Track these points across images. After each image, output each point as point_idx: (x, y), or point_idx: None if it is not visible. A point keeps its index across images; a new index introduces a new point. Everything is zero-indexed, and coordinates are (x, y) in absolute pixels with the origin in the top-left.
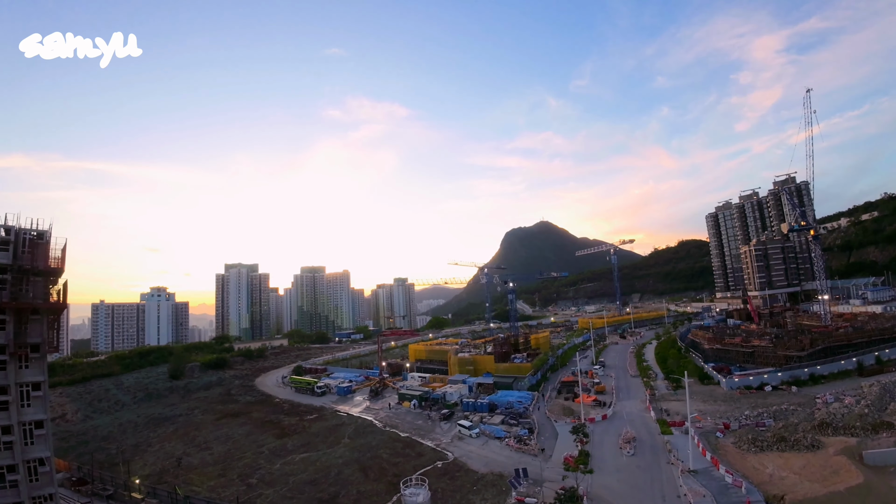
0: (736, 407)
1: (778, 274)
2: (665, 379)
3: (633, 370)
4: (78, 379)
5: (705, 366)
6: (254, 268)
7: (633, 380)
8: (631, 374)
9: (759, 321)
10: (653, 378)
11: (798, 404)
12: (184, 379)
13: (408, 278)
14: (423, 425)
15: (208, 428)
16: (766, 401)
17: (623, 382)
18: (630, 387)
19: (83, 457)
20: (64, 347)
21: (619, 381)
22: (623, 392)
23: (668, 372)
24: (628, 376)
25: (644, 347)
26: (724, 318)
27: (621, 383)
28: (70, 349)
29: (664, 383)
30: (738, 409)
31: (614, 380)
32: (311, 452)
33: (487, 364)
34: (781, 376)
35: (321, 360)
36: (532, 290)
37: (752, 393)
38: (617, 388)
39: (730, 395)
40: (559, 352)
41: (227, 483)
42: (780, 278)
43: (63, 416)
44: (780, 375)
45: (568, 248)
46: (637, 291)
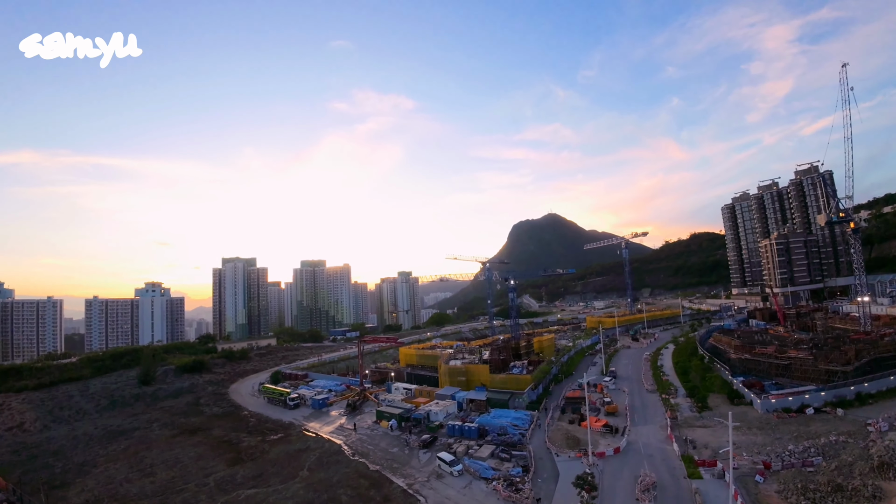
0: (775, 437)
1: (800, 269)
2: (688, 397)
3: (650, 383)
4: (45, 383)
5: (733, 380)
6: (251, 262)
7: (650, 396)
8: (647, 389)
9: (786, 322)
10: (673, 394)
11: (847, 434)
12: (154, 385)
13: (412, 272)
14: (398, 454)
15: (161, 447)
16: (810, 428)
17: (638, 400)
18: (646, 406)
19: (28, 474)
20: (58, 343)
21: (633, 397)
22: (639, 413)
23: (690, 388)
24: (644, 391)
25: (660, 353)
26: (746, 318)
27: (636, 401)
28: (64, 345)
29: (687, 402)
30: (778, 440)
31: (627, 396)
32: (259, 488)
33: (482, 374)
34: (825, 396)
35: (306, 363)
36: (538, 284)
37: (791, 417)
38: (631, 408)
39: (765, 420)
40: (564, 358)
41: None
42: (802, 274)
43: (21, 425)
44: (824, 395)
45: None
46: (647, 286)
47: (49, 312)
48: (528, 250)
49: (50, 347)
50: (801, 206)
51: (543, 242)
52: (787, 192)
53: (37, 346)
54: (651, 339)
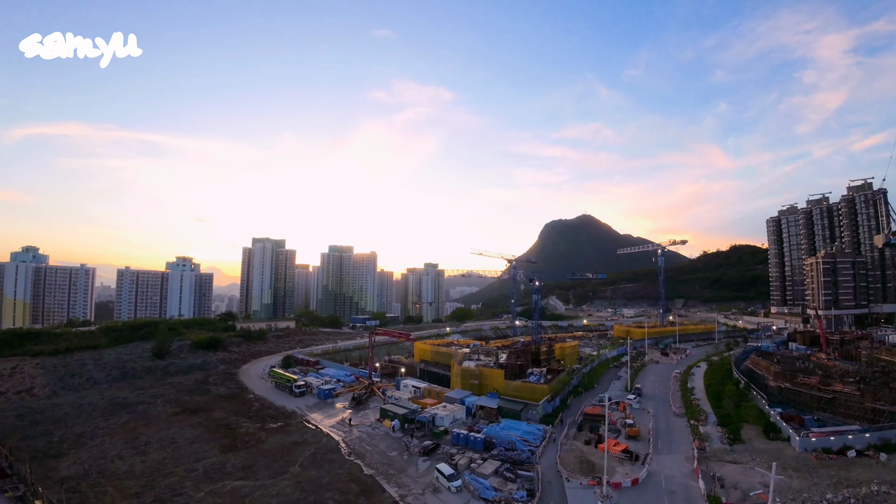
0: (812, 482)
1: (846, 292)
2: (719, 425)
3: (678, 406)
4: (61, 349)
5: (771, 411)
6: (280, 243)
7: (677, 421)
8: (674, 412)
9: (828, 349)
10: (702, 421)
11: (891, 484)
12: (167, 359)
13: (438, 264)
14: (396, 459)
15: (159, 425)
16: (851, 474)
17: (663, 423)
18: (672, 431)
19: (27, 440)
20: (88, 310)
21: (658, 420)
22: (663, 439)
23: (723, 415)
24: (670, 414)
25: (691, 372)
26: (786, 340)
27: (661, 424)
28: (94, 312)
29: (717, 432)
30: (816, 485)
31: (652, 418)
32: (247, 481)
33: (496, 380)
34: (869, 438)
35: (320, 349)
36: (566, 285)
37: (831, 459)
38: (655, 432)
39: (803, 461)
40: (586, 368)
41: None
42: (847, 297)
43: (30, 389)
44: (868, 437)
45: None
46: (681, 297)
47: (81, 279)
48: (558, 250)
49: (80, 313)
50: (852, 225)
51: (575, 243)
52: (838, 209)
53: (67, 312)
54: (682, 356)
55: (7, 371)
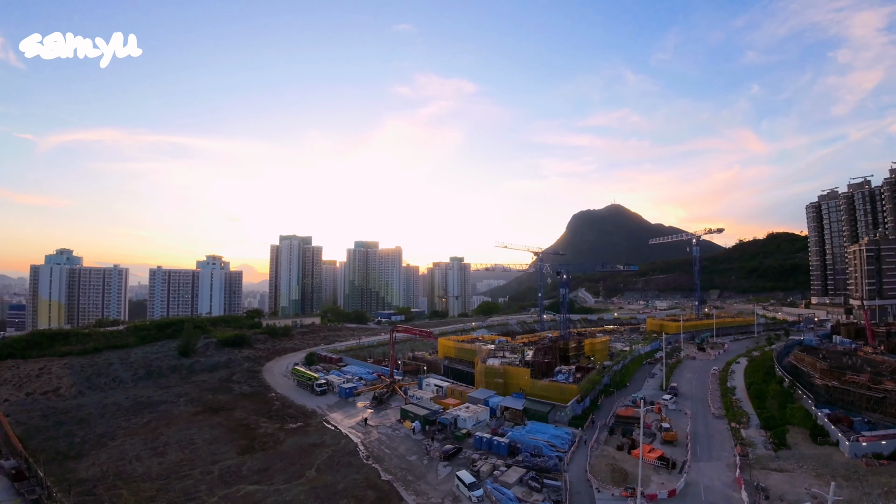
0: (863, 491)
1: (891, 281)
2: (762, 428)
3: (717, 407)
4: (89, 349)
5: (818, 412)
6: (307, 240)
7: (717, 424)
8: (713, 414)
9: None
10: (744, 424)
11: None
12: (193, 357)
13: (464, 258)
14: (415, 464)
15: (180, 424)
16: None
17: (702, 427)
18: (712, 436)
19: (49, 441)
20: (122, 310)
21: (696, 422)
22: (702, 444)
23: (766, 417)
24: (709, 416)
25: (730, 369)
26: (829, 333)
27: (700, 428)
28: (128, 311)
29: (761, 436)
30: (867, 495)
31: (689, 420)
32: (261, 485)
33: (521, 379)
34: None
35: (344, 345)
36: (595, 277)
37: (882, 465)
38: (693, 437)
39: (853, 467)
40: (618, 366)
41: None
42: (892, 287)
43: (57, 389)
44: None
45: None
46: (716, 287)
47: (115, 280)
48: (586, 242)
49: (114, 313)
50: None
51: (604, 234)
52: (881, 193)
53: (102, 312)
54: (720, 351)
55: (35, 372)
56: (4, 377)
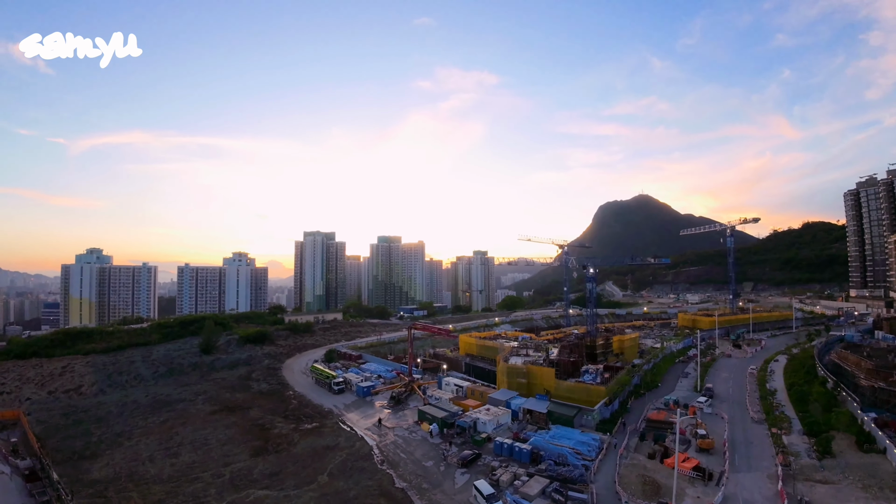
0: None
1: None
2: (805, 434)
3: (756, 410)
4: (113, 347)
5: (864, 416)
6: (330, 236)
7: (756, 429)
8: (752, 418)
9: None
10: (786, 429)
11: None
12: (214, 354)
13: (487, 251)
14: (431, 471)
15: (196, 424)
16: None
17: (740, 432)
18: (751, 442)
19: (67, 440)
20: (152, 307)
21: (733, 427)
22: (741, 452)
23: (809, 423)
24: (748, 420)
25: (769, 367)
26: (871, 328)
27: (738, 434)
28: (157, 308)
29: (804, 442)
30: None
31: (727, 425)
32: (271, 490)
33: (546, 379)
34: None
35: (364, 341)
36: (623, 270)
37: None
38: (731, 444)
39: None
40: (648, 365)
41: None
42: None
43: (78, 388)
44: None
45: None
46: (749, 280)
47: (144, 277)
48: (613, 233)
49: (144, 310)
50: None
51: (632, 226)
52: None
53: (132, 309)
54: (757, 348)
55: (58, 370)
56: (28, 376)
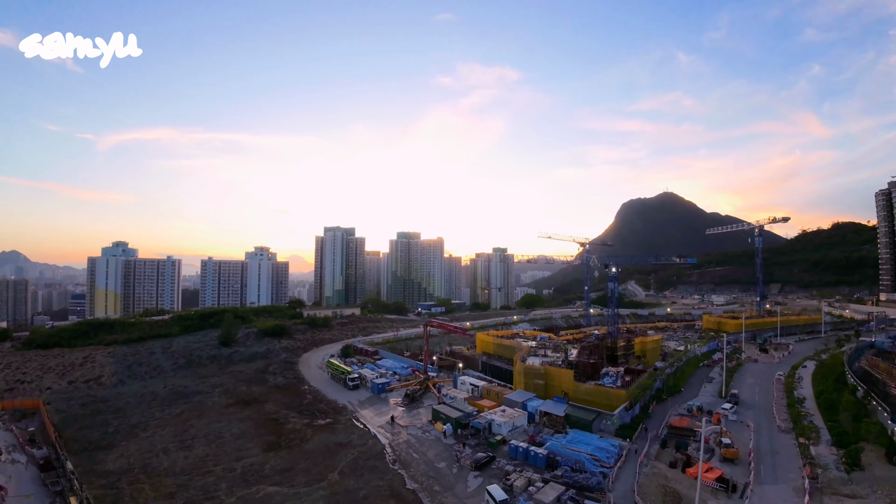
0: None
1: None
2: (834, 445)
3: (783, 418)
4: (134, 338)
5: (895, 427)
6: (350, 231)
7: (783, 438)
8: (779, 426)
9: None
10: (814, 440)
11: None
12: (233, 347)
13: (507, 248)
14: (443, 472)
15: (211, 417)
16: None
17: (766, 441)
18: (777, 452)
19: (84, 430)
20: (175, 299)
21: (759, 436)
22: (766, 463)
23: (838, 433)
24: (774, 429)
25: (797, 373)
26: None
27: (763, 443)
28: (181, 300)
29: (832, 453)
30: None
31: (752, 433)
32: (282, 487)
33: (564, 381)
34: None
35: (381, 337)
36: (646, 269)
37: None
38: (757, 454)
39: None
40: (671, 369)
41: None
42: None
43: (98, 378)
44: None
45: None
46: (777, 281)
47: (168, 270)
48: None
49: (168, 303)
50: None
51: (655, 224)
52: None
53: (156, 301)
54: (784, 353)
55: (79, 360)
56: (49, 366)
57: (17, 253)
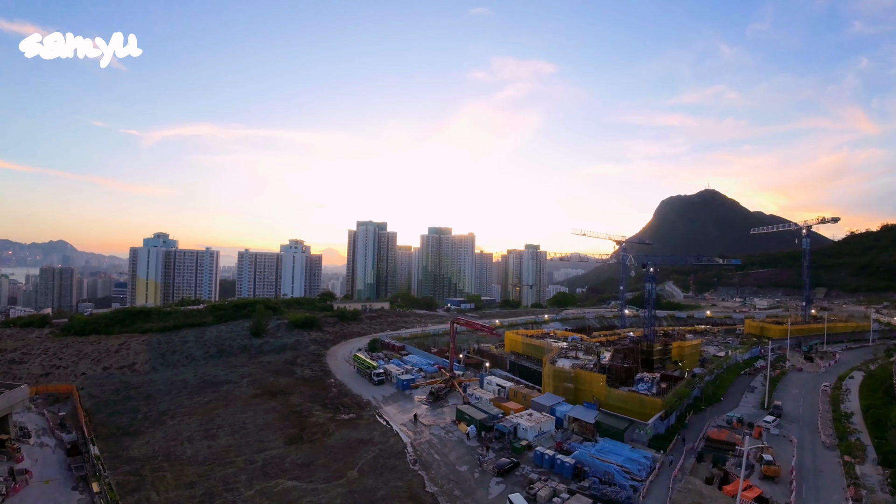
0: None
1: None
2: (880, 464)
3: (829, 434)
4: (169, 327)
5: None
6: (382, 226)
7: (827, 456)
8: (824, 442)
9: None
10: (860, 457)
11: None
12: (263, 337)
13: (540, 245)
14: (465, 476)
15: (237, 406)
16: None
17: (810, 458)
18: (821, 471)
19: (114, 416)
20: (213, 289)
21: (802, 452)
22: (808, 482)
23: (885, 452)
24: (818, 445)
25: (843, 384)
26: None
27: (807, 459)
28: (219, 290)
29: (878, 473)
30: None
31: (795, 449)
32: (300, 482)
33: (595, 385)
34: None
35: (409, 332)
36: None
37: None
38: (799, 471)
39: None
40: (710, 376)
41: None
42: None
43: (132, 365)
44: None
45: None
46: (823, 285)
47: (207, 261)
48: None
49: (206, 293)
50: None
51: (696, 222)
52: None
53: (194, 292)
54: (830, 362)
55: (115, 347)
56: (85, 352)
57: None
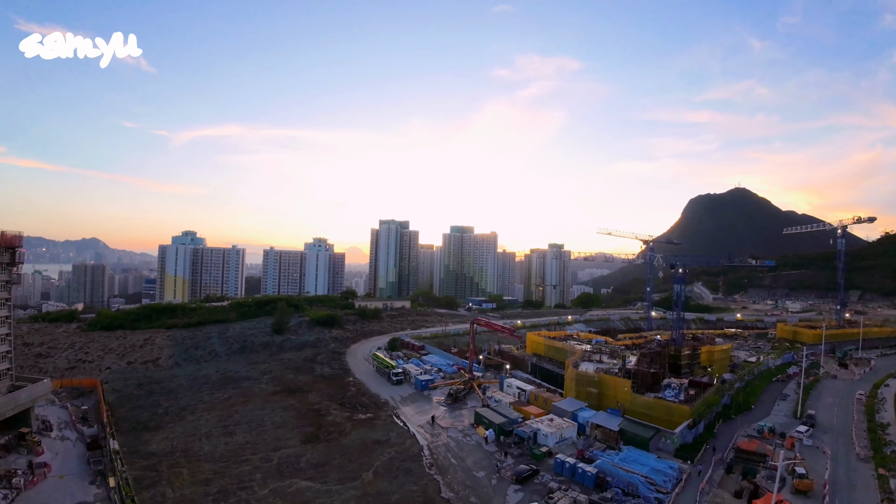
0: None
1: None
2: None
3: (864, 446)
4: (193, 323)
5: None
6: (404, 224)
7: (862, 468)
8: (858, 454)
9: None
10: (894, 471)
11: None
12: (285, 335)
13: (564, 245)
14: (481, 483)
15: (256, 403)
16: None
17: (843, 471)
18: (854, 485)
19: (135, 411)
20: (239, 286)
21: (836, 464)
22: (842, 497)
23: None
24: (853, 457)
25: (879, 392)
26: None
27: (840, 472)
28: (244, 287)
29: None
30: None
31: (828, 461)
32: (314, 483)
33: (620, 391)
34: None
35: (429, 331)
36: (715, 271)
37: None
38: (832, 485)
39: None
40: (740, 383)
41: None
42: None
43: (156, 360)
44: None
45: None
46: (857, 288)
47: (233, 259)
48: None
49: (232, 289)
50: None
51: (725, 222)
52: None
53: (221, 288)
54: (866, 368)
55: (140, 342)
56: (111, 346)
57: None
